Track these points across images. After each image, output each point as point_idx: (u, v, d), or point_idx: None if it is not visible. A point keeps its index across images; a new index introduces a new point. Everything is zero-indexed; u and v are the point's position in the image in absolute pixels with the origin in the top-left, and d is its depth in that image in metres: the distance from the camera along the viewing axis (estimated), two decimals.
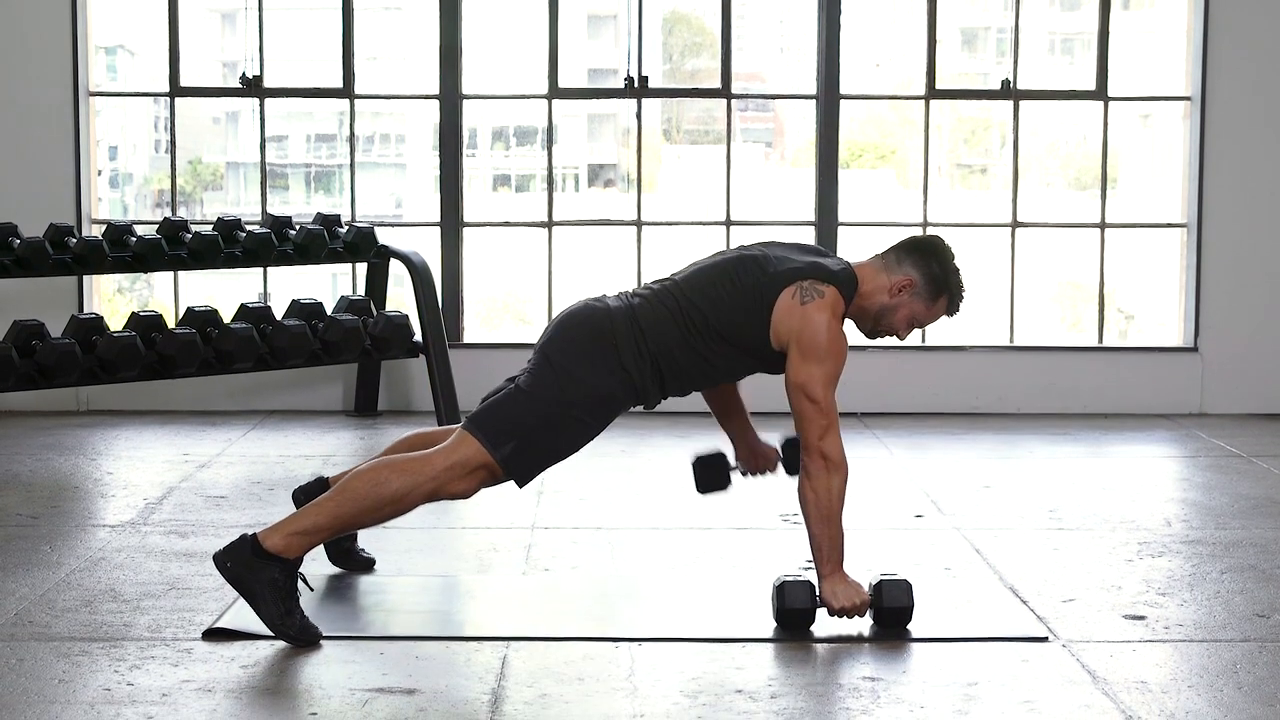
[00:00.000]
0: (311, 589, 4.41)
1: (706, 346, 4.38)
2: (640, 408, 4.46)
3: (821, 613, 4.37)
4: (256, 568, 4.16)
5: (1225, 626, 4.46)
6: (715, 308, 4.36)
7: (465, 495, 4.28)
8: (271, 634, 4.19)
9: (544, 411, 4.28)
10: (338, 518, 4.23)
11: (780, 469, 4.87)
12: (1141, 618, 4.53)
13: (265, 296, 8.38)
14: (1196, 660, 4.16)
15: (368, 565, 4.93)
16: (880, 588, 4.36)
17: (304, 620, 4.18)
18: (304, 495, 4.77)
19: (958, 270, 4.48)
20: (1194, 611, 4.61)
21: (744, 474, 4.92)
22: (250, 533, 4.23)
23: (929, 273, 4.43)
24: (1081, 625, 4.45)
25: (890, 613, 4.35)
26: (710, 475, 4.89)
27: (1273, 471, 6.72)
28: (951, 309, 4.50)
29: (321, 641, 4.19)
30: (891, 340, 4.63)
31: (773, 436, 4.91)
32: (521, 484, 4.33)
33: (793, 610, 4.33)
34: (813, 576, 4.40)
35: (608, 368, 4.31)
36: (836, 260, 4.47)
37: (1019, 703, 3.81)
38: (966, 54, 10.73)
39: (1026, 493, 6.29)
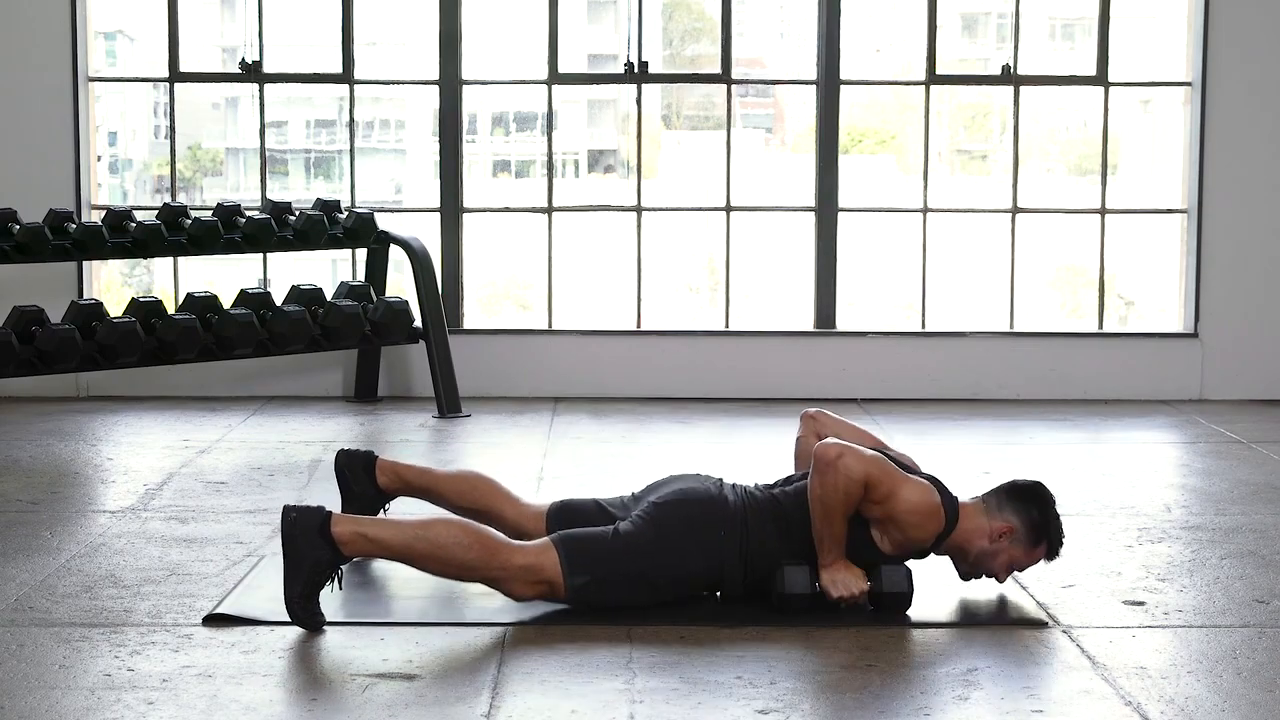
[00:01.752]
0: (340, 589, 4.37)
1: (804, 552, 4.42)
2: (715, 593, 4.52)
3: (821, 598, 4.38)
4: (313, 543, 4.19)
5: (1225, 612, 4.46)
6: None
7: (517, 598, 4.36)
8: (272, 619, 4.21)
9: (629, 568, 4.35)
10: (407, 548, 4.28)
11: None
12: (1141, 603, 4.54)
13: (265, 282, 8.37)
14: (1196, 646, 4.17)
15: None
16: (880, 573, 4.37)
17: (316, 608, 4.21)
18: (347, 459, 4.81)
19: (1058, 517, 4.51)
20: (1193, 597, 4.61)
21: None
22: (328, 510, 4.26)
23: (1030, 520, 4.47)
24: (1081, 611, 4.46)
25: (890, 598, 4.36)
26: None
27: (1272, 457, 6.72)
28: (1050, 555, 4.52)
29: (323, 627, 4.20)
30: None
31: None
32: (575, 607, 4.38)
33: (792, 595, 4.34)
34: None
35: (706, 558, 4.40)
36: (945, 492, 4.49)
37: (1019, 688, 3.82)
38: (967, 39, 10.72)
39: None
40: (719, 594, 4.49)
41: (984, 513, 4.48)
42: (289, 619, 4.19)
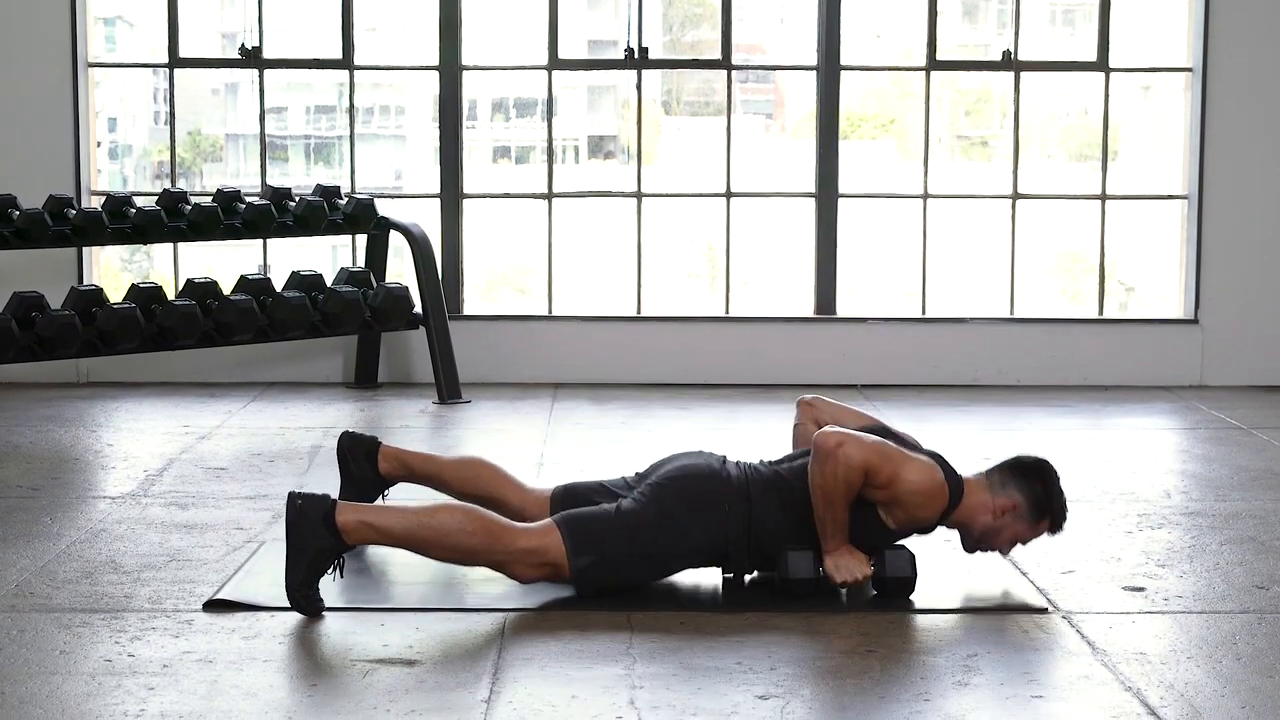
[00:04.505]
0: (341, 577, 4.37)
1: (808, 531, 4.42)
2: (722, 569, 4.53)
3: (825, 583, 4.38)
4: (317, 532, 4.20)
5: (1224, 598, 4.46)
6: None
7: (523, 581, 4.36)
8: (273, 605, 4.22)
9: (632, 547, 4.35)
10: (411, 535, 4.29)
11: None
12: (1141, 589, 4.54)
13: (265, 268, 8.37)
14: (1195, 631, 4.17)
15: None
16: (884, 559, 4.38)
17: (315, 595, 4.22)
18: (350, 441, 4.82)
19: (1062, 493, 4.53)
20: (1193, 583, 4.61)
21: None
22: (334, 499, 4.27)
23: (1033, 496, 4.49)
24: (1081, 597, 4.46)
25: (893, 583, 4.37)
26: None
27: (1272, 443, 6.72)
28: (1054, 530, 4.54)
29: (323, 613, 4.20)
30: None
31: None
32: (580, 594, 4.37)
33: (796, 580, 4.34)
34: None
35: (709, 534, 4.40)
36: (950, 469, 4.49)
37: (1019, 673, 3.82)
38: (967, 25, 10.69)
39: None
40: (724, 570, 4.49)
41: (987, 489, 4.49)
42: (289, 605, 4.20)
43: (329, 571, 4.25)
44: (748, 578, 4.53)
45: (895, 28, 9.39)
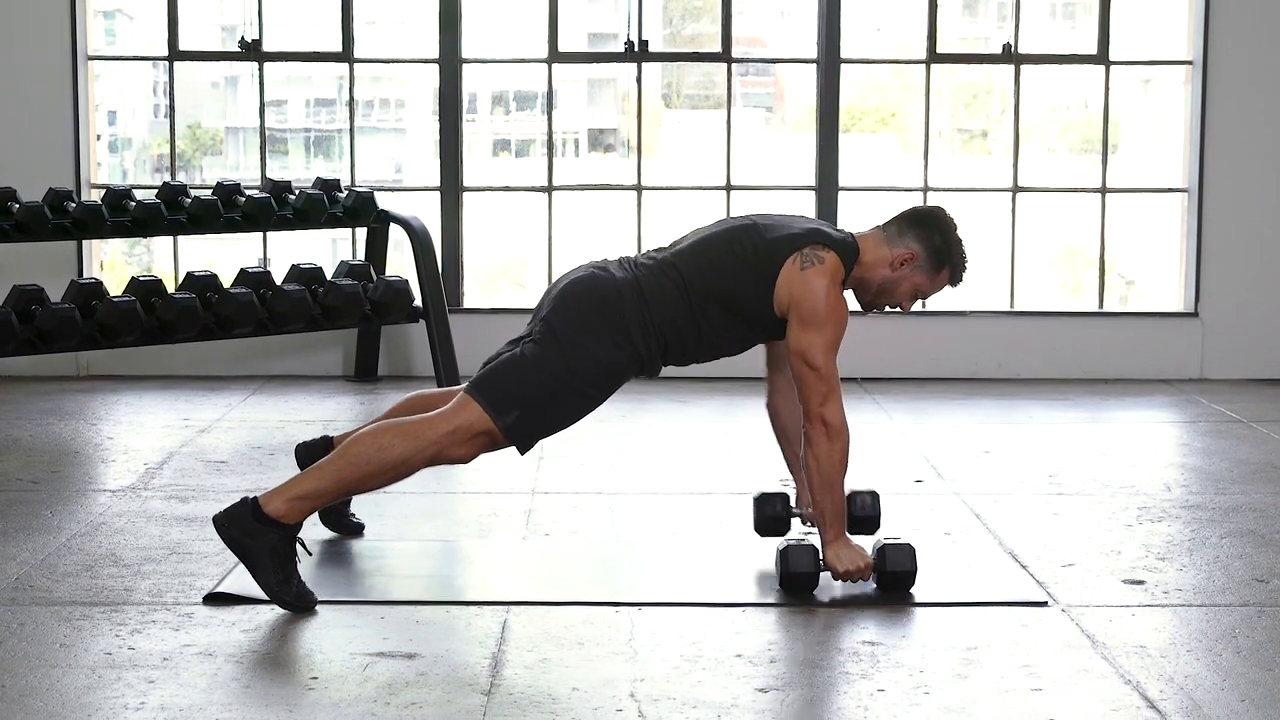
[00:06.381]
0: (310, 554, 4.40)
1: (710, 318, 4.36)
2: (643, 377, 4.45)
3: (824, 577, 4.39)
4: (256, 533, 4.14)
5: (1224, 591, 4.47)
6: (718, 278, 4.34)
7: (465, 460, 4.27)
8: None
9: (547, 382, 4.25)
10: (340, 482, 4.21)
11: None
12: (1141, 582, 4.54)
13: (265, 261, 8.36)
14: (1195, 625, 4.17)
15: (357, 530, 4.93)
16: (884, 551, 4.37)
17: (301, 587, 4.18)
18: (307, 452, 4.77)
19: (960, 241, 4.45)
20: (1193, 576, 4.62)
21: (804, 521, 4.76)
22: (250, 496, 4.22)
23: (931, 245, 4.41)
24: (1081, 590, 4.46)
25: (894, 576, 4.36)
26: (769, 516, 4.79)
27: (1273, 437, 6.72)
28: (955, 280, 4.48)
29: (322, 606, 4.20)
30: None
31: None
32: (523, 451, 4.31)
33: (796, 574, 4.34)
34: (816, 541, 4.41)
35: (614, 340, 4.29)
36: (836, 229, 4.46)
37: (1018, 667, 3.82)
38: (968, 18, 10.68)
39: (1026, 458, 6.29)
40: (648, 376, 4.41)
41: (884, 242, 4.42)
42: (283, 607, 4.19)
43: (296, 555, 4.18)
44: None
45: (895, 20, 9.39)
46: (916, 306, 4.62)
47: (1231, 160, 8.23)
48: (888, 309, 4.53)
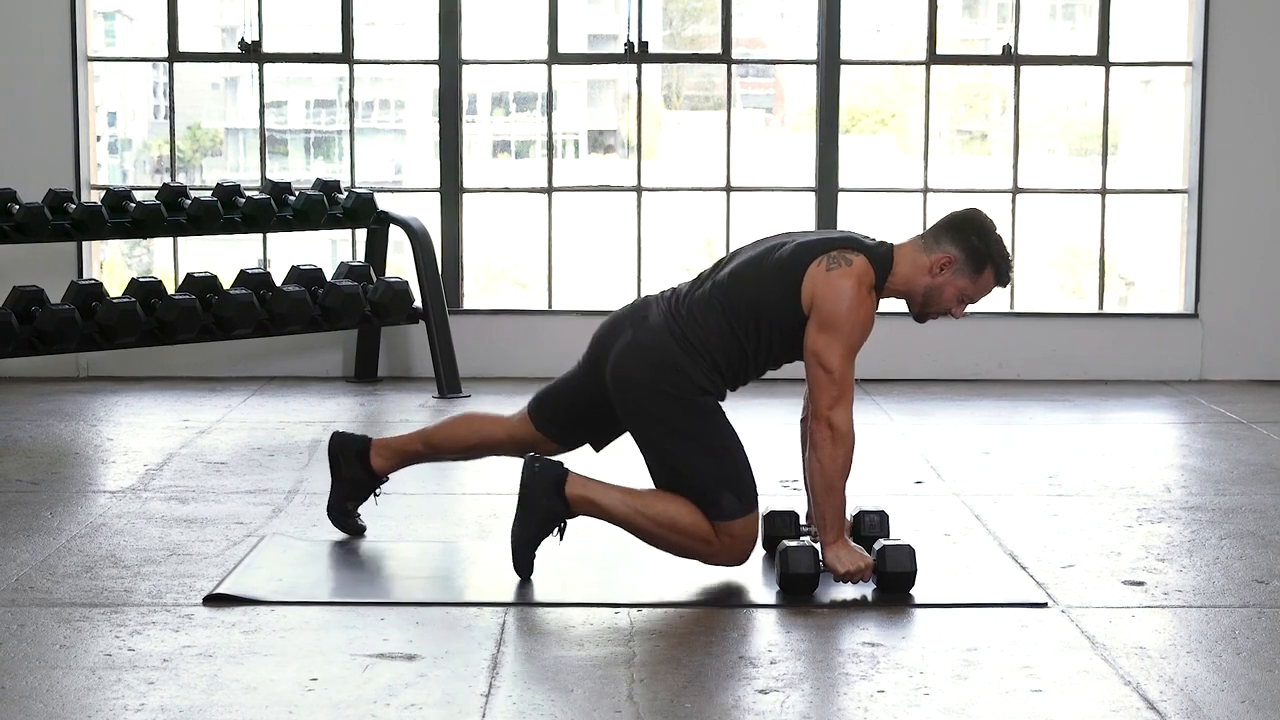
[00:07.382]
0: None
1: (750, 335, 4.41)
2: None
3: (824, 578, 4.38)
4: (549, 493, 4.43)
5: (1224, 592, 4.46)
6: (748, 289, 4.39)
7: (737, 564, 4.45)
8: (273, 599, 4.23)
9: (693, 448, 4.40)
10: (627, 521, 4.46)
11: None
12: (1140, 583, 4.54)
13: (265, 263, 8.36)
14: (1195, 626, 4.17)
15: (359, 531, 4.93)
16: (884, 553, 4.37)
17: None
18: (339, 441, 4.89)
19: (1000, 240, 4.45)
20: (1193, 577, 4.62)
21: (813, 539, 4.62)
22: (567, 469, 4.47)
23: (969, 246, 4.40)
24: (1081, 591, 4.46)
25: (894, 577, 4.36)
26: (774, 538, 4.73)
27: (1272, 438, 6.72)
28: (1001, 280, 4.46)
29: (322, 607, 4.21)
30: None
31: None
32: (752, 509, 4.42)
33: (796, 575, 4.34)
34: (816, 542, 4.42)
35: (690, 396, 4.40)
36: (872, 239, 4.47)
37: (1018, 668, 3.82)
38: (968, 19, 10.69)
39: (1026, 459, 6.29)
40: (733, 390, 4.53)
41: (922, 250, 4.42)
42: (510, 563, 4.43)
43: (553, 534, 4.43)
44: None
45: (895, 22, 9.40)
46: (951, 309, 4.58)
47: (1231, 161, 8.23)
48: (939, 316, 4.53)
